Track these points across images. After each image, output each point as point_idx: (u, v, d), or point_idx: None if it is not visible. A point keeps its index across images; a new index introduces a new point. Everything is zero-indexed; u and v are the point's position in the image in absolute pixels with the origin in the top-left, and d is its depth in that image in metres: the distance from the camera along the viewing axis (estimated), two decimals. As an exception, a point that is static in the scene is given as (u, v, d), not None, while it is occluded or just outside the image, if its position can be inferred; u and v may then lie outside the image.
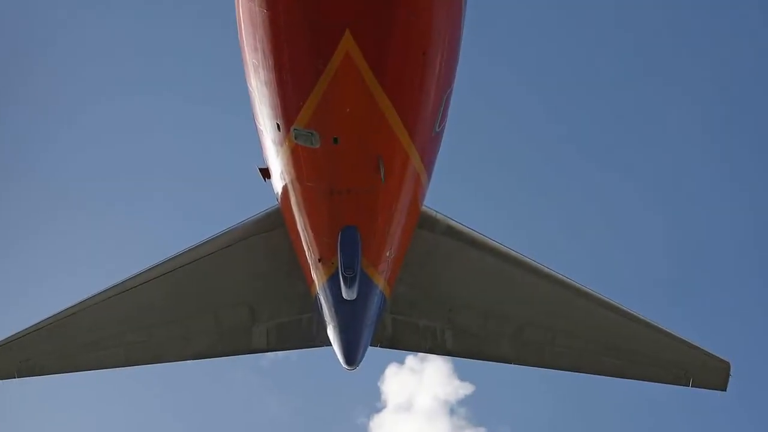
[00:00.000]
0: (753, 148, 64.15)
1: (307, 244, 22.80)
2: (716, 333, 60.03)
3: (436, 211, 25.16)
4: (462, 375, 62.24)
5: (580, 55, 65.61)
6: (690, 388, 27.10)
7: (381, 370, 63.23)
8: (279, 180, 21.26)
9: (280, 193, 22.12)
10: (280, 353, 28.35)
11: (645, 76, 64.84)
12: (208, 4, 57.05)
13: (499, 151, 67.06)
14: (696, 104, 64.05)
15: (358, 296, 22.83)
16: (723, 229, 64.56)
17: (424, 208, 24.21)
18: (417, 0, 15.95)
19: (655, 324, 26.68)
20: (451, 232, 25.60)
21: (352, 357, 26.10)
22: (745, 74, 63.82)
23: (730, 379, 26.96)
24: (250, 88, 18.76)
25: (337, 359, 26.51)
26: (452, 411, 63.48)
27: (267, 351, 27.87)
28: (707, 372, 26.97)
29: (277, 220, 24.18)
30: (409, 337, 27.69)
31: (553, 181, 66.48)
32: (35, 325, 26.09)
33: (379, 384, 63.89)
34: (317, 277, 24.09)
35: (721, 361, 26.94)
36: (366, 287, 23.35)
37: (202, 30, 64.18)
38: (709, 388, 27.08)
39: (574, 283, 26.41)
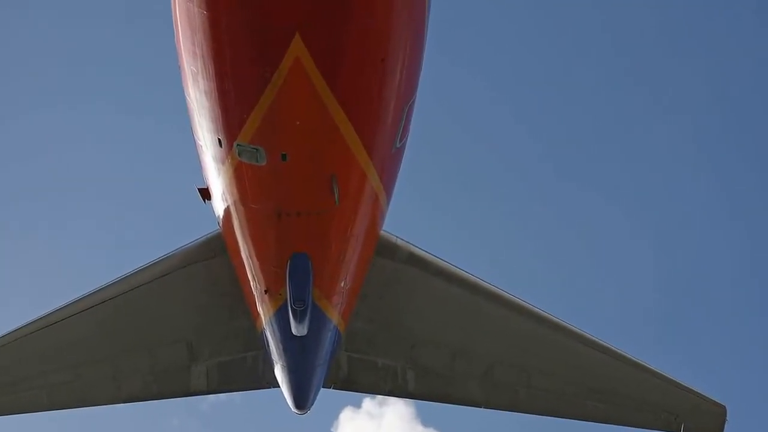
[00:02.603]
0: (751, 165, 64.66)
1: (252, 274, 22.65)
2: (711, 373, 60.36)
3: (397, 237, 25.07)
4: (426, 420, 62.33)
5: (558, 62, 65.98)
6: (681, 434, 27.19)
7: (335, 415, 62.99)
8: (220, 201, 21.11)
9: (221, 217, 21.97)
10: (222, 395, 28.29)
11: (630, 86, 65.28)
12: (141, 4, 56.87)
13: (467, 170, 67.18)
14: (688, 117, 64.61)
15: (309, 332, 22.69)
16: (718, 257, 65.05)
17: (383, 233, 24.14)
18: (375, 2, 15.89)
19: (643, 363, 26.74)
20: (414, 260, 25.51)
21: (302, 400, 25.99)
22: (742, 84, 64.42)
23: (726, 424, 27.07)
24: (188, 99, 18.61)
25: (286, 402, 26.39)
26: (415, 461, 63.43)
27: (207, 393, 27.70)
28: (701, 417, 27.04)
29: (218, 246, 24.01)
30: (367, 377, 27.59)
31: (527, 203, 66.86)
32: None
33: (332, 430, 63.70)
34: (263, 311, 23.90)
35: (716, 404, 27.03)
36: (318, 322, 23.17)
37: (133, 33, 63.93)
38: (703, 435, 27.16)
39: (552, 317, 26.41)
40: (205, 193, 21.83)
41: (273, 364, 25.78)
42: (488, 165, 67.99)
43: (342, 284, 23.01)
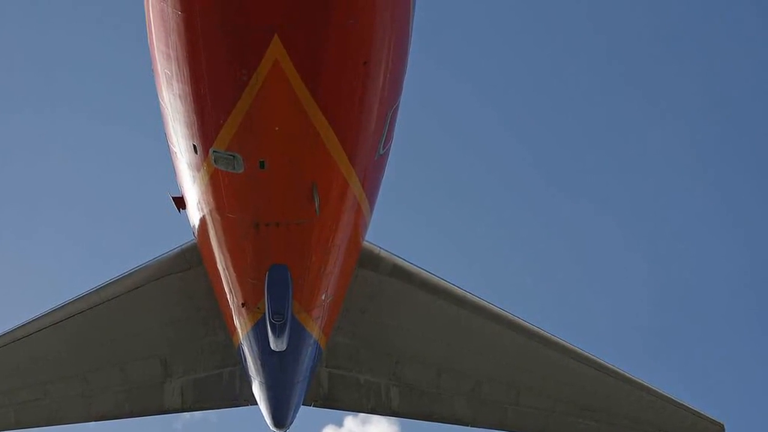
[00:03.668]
0: (750, 173, 64.71)
1: (229, 286, 22.55)
2: (708, 389, 60.54)
3: (380, 248, 25.07)
4: (411, 439, 62.28)
5: (549, 65, 66.03)
6: (677, 453, 27.19)
7: (315, 434, 63.01)
8: (196, 211, 21.01)
9: (197, 227, 21.85)
10: (197, 413, 28.20)
11: (624, 90, 65.29)
12: (112, 4, 56.71)
13: (453, 178, 67.26)
14: (684, 122, 64.62)
15: (288, 347, 22.56)
16: (715, 269, 65.10)
17: (365, 243, 24.10)
18: (357, 2, 15.81)
19: (637, 379, 26.78)
20: (398, 272, 25.48)
21: (281, 418, 25.93)
22: (740, 88, 64.45)
23: (724, 442, 27.11)
24: (162, 103, 18.49)
25: (264, 420, 26.31)
26: (399, 482, 63.44)
27: (182, 411, 27.63)
28: (698, 435, 27.07)
29: (193, 257, 24.00)
30: (349, 394, 27.54)
31: (516, 213, 66.91)
32: None
33: (313, 450, 63.66)
34: (240, 325, 23.83)
35: (714, 422, 27.08)
36: (298, 336, 23.10)
37: (104, 34, 63.73)
38: (700, 453, 27.18)
39: (542, 331, 26.41)
40: (180, 202, 21.71)
41: (250, 380, 25.70)
42: (476, 172, 68.03)
43: (323, 297, 22.93)
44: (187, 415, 27.90)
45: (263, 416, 26.44)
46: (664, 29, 64.26)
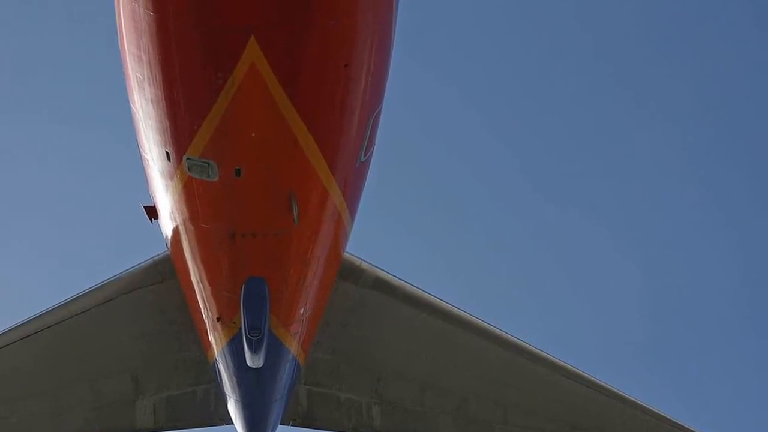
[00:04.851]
0: (745, 179, 64.78)
1: (204, 300, 22.48)
2: (704, 404, 60.55)
3: (362, 259, 25.02)
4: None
5: (537, 67, 66.07)
6: (671, 474, 27.18)
7: (293, 454, 62.65)
8: (169, 221, 20.92)
9: (170, 237, 21.77)
10: (169, 433, 27.97)
11: (613, 93, 65.32)
12: (83, 4, 56.54)
13: (438, 185, 67.31)
14: (676, 126, 64.69)
15: (265, 363, 22.59)
16: (711, 280, 65.17)
17: (346, 255, 24.05)
18: (338, 1, 15.75)
19: (630, 397, 26.75)
20: (380, 285, 25.45)
21: (258, 438, 25.83)
22: (734, 90, 64.48)
23: (720, 462, 27.15)
24: (134, 108, 18.40)
25: (240, 440, 26.22)
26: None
27: (155, 430, 27.42)
28: (692, 454, 27.09)
29: (166, 269, 23.91)
30: (329, 413, 27.43)
31: (503, 222, 66.98)
32: None
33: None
34: (216, 341, 23.75)
35: (711, 442, 27.07)
36: (275, 352, 23.04)
37: (73, 36, 63.54)
38: (694, 474, 27.18)
39: (531, 346, 26.37)
40: (152, 212, 21.61)
41: (226, 398, 25.62)
42: (461, 180, 68.00)
43: (302, 311, 22.85)
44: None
45: (239, 436, 26.37)
46: (653, 29, 64.40)
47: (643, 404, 26.77)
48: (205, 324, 23.54)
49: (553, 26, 64.72)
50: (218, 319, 22.65)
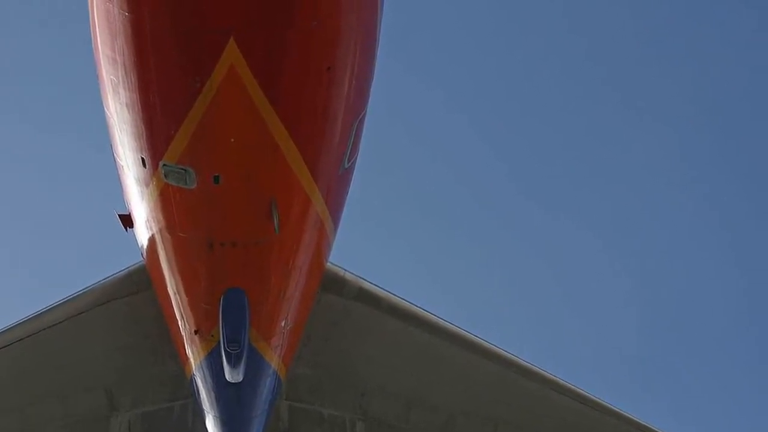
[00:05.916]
0: (745, 186, 64.83)
1: (181, 312, 22.41)
2: (701, 425, 60.56)
3: (345, 270, 25.02)
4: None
5: (526, 70, 66.05)
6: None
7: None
8: (144, 230, 20.88)
9: (145, 247, 21.73)
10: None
11: (605, 96, 65.35)
12: (55, 5, 56.43)
13: (424, 193, 67.43)
14: (672, 130, 64.66)
15: (245, 378, 22.51)
16: (709, 292, 65.24)
17: (329, 265, 24.02)
18: (320, 3, 15.75)
19: (624, 413, 26.78)
20: (364, 296, 25.43)
21: (237, 456, 25.79)
22: (732, 93, 64.51)
23: (716, 480, 27.21)
24: (108, 113, 18.36)
25: (219, 458, 26.17)
26: None
27: (130, 448, 27.44)
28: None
29: (142, 280, 23.83)
30: (311, 430, 27.42)
31: (491, 231, 66.93)
32: None
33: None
34: (193, 354, 23.68)
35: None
36: (255, 366, 23.01)
37: (46, 38, 63.40)
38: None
39: (520, 360, 26.39)
40: (127, 220, 21.57)
41: (204, 414, 25.55)
42: (448, 186, 68.03)
43: (282, 324, 22.82)
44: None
45: (217, 454, 26.32)
46: (647, 29, 64.52)
47: (638, 420, 26.83)
48: (182, 337, 23.46)
49: (542, 27, 64.87)
50: (196, 332, 22.60)
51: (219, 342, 21.55)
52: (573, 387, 26.51)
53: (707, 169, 65.74)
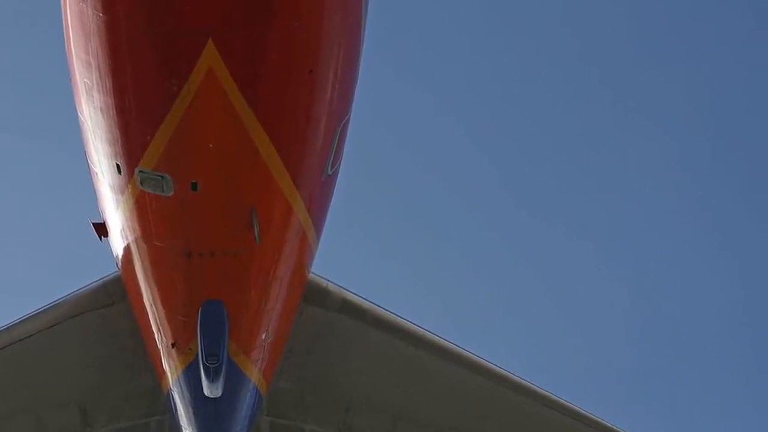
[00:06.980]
0: (743, 193, 64.95)
1: (157, 324, 22.34)
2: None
3: (328, 281, 24.93)
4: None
5: (517, 72, 66.06)
6: None
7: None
8: (120, 239, 20.83)
9: (121, 257, 21.68)
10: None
11: (599, 101, 65.38)
12: (28, 5, 56.32)
13: (411, 200, 67.32)
14: (669, 135, 64.74)
15: (224, 393, 22.43)
16: (704, 302, 65.29)
17: (311, 276, 23.97)
18: (302, 2, 15.72)
19: (617, 428, 26.76)
20: (348, 308, 25.34)
21: (216, 474, 25.72)
22: (732, 97, 64.58)
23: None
24: (82, 117, 18.35)
25: (197, 477, 26.10)
26: None
27: (105, 465, 27.36)
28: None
29: (117, 291, 23.73)
30: (293, 446, 27.37)
31: (483, 240, 66.89)
32: None
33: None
34: (170, 368, 23.59)
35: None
36: (235, 381, 22.94)
37: (17, 39, 63.29)
38: None
39: (511, 375, 26.35)
40: (102, 229, 21.53)
41: (181, 430, 25.45)
42: (437, 194, 68.07)
43: (263, 336, 22.75)
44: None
45: (196, 472, 26.25)
46: (644, 30, 64.62)
47: (631, 435, 26.83)
48: (158, 350, 23.40)
49: (536, 28, 64.94)
50: (173, 345, 22.51)
51: (197, 355, 21.48)
52: (565, 402, 26.47)
53: (706, 177, 65.84)
